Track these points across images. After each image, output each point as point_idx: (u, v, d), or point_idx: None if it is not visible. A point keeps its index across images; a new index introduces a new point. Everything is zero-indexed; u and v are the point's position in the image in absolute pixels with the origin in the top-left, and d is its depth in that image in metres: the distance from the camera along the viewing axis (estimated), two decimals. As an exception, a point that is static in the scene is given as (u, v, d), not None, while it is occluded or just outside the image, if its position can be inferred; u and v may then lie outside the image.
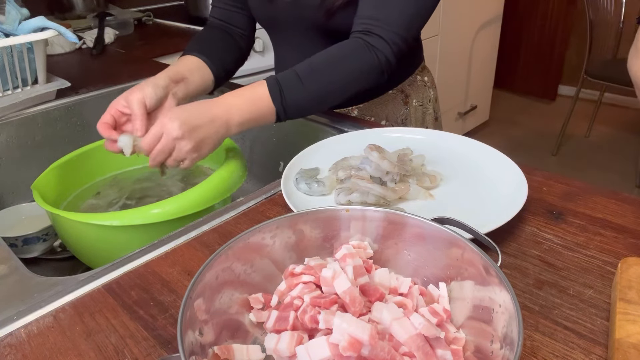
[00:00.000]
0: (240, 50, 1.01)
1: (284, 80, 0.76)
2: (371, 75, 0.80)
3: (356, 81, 0.79)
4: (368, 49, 0.78)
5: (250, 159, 1.09)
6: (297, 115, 0.79)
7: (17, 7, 1.02)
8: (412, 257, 0.49)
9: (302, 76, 0.76)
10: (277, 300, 0.47)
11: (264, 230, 0.47)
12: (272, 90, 0.75)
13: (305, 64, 0.78)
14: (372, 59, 0.78)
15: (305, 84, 0.76)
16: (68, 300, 0.54)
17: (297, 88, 0.76)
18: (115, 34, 1.66)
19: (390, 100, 1.02)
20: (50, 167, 0.86)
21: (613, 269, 0.53)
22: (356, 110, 1.02)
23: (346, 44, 0.80)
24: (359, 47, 0.78)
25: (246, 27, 1.02)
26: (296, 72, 0.77)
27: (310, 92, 0.77)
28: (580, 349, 0.45)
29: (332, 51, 0.79)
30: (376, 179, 0.68)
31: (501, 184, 0.68)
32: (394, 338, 0.40)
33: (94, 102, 1.14)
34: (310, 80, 0.76)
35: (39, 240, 0.87)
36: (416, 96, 1.04)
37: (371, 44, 0.78)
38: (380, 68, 0.79)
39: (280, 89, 0.75)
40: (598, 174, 2.75)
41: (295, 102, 0.76)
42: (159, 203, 0.71)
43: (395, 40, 0.79)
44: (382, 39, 0.78)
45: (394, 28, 0.79)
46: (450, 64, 2.68)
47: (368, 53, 0.78)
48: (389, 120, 1.03)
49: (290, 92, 0.75)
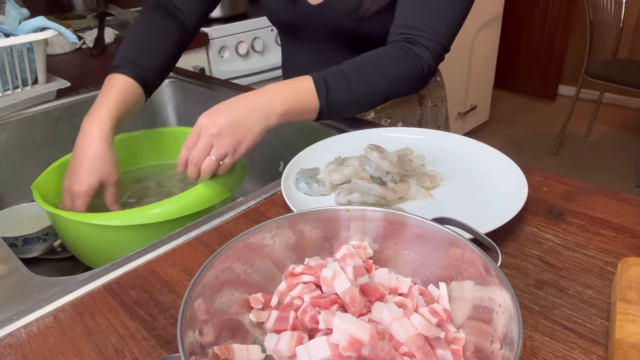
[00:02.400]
0: (181, 46, 0.92)
1: (330, 77, 0.75)
2: (413, 81, 0.80)
3: (398, 86, 0.80)
4: (411, 56, 0.78)
5: (250, 159, 1.09)
6: (338, 114, 0.78)
7: (17, 7, 1.02)
8: (412, 257, 0.49)
9: (348, 75, 0.75)
10: (277, 300, 0.47)
11: (264, 230, 0.47)
12: (318, 85, 0.74)
13: (350, 64, 0.77)
14: (415, 66, 0.79)
15: (351, 83, 0.75)
16: (68, 300, 0.54)
17: (343, 87, 0.75)
18: (115, 34, 1.66)
19: (406, 101, 1.01)
20: (50, 167, 0.86)
21: (613, 269, 0.53)
22: (372, 113, 1.00)
23: (390, 48, 0.80)
24: (403, 54, 0.78)
25: (196, 14, 0.93)
26: (342, 70, 0.76)
27: (355, 92, 0.76)
28: (580, 349, 0.45)
29: (377, 54, 0.79)
30: (376, 179, 0.68)
31: (501, 184, 0.68)
32: (394, 338, 0.40)
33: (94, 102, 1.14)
34: (355, 80, 0.76)
35: (39, 240, 0.87)
36: (430, 96, 1.04)
37: (415, 52, 0.79)
38: (422, 75, 0.80)
39: (327, 85, 0.74)
40: (598, 174, 2.75)
41: (340, 100, 0.75)
42: (159, 203, 0.71)
43: (437, 49, 0.80)
44: (426, 48, 0.79)
45: (436, 37, 0.79)
46: (450, 64, 2.67)
47: (412, 60, 0.78)
48: (405, 122, 1.01)
49: (336, 89, 0.74)
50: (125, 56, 0.85)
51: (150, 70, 0.86)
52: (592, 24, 2.69)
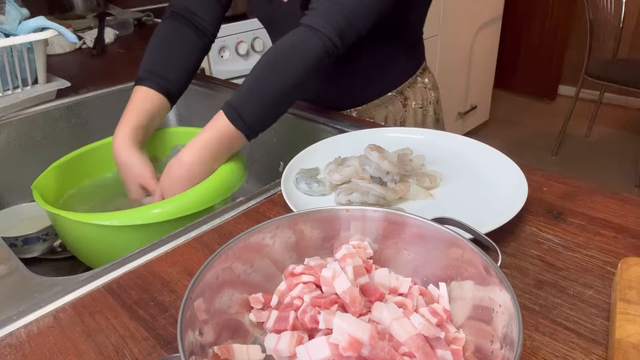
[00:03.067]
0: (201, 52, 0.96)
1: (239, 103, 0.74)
2: (315, 61, 0.75)
3: (303, 72, 0.75)
4: (310, 33, 0.75)
5: (250, 159, 1.09)
6: (264, 127, 0.78)
7: (17, 7, 1.02)
8: (412, 257, 0.49)
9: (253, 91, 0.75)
10: (277, 300, 0.47)
11: (264, 230, 0.47)
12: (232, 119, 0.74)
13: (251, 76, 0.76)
14: (313, 44, 0.74)
15: (258, 97, 0.74)
16: (68, 300, 0.54)
17: (253, 105, 0.74)
18: (115, 34, 1.66)
19: (389, 102, 1.02)
20: (50, 167, 0.86)
21: (613, 269, 0.53)
22: (355, 113, 1.02)
23: (288, 36, 0.77)
24: (300, 36, 0.75)
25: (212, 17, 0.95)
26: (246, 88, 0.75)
27: (265, 103, 0.75)
28: (580, 349, 0.45)
29: (272, 51, 0.77)
30: (376, 179, 0.68)
31: (501, 184, 0.68)
32: (394, 338, 0.40)
33: (94, 102, 1.14)
34: (260, 92, 0.75)
35: (39, 240, 0.87)
36: (415, 98, 1.04)
37: (312, 25, 0.75)
38: (324, 51, 0.75)
39: (240, 115, 0.74)
40: (598, 174, 2.75)
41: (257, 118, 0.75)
42: (159, 203, 0.71)
43: (338, 19, 0.74)
44: (323, 16, 0.75)
45: (342, 8, 0.75)
46: (450, 64, 2.68)
47: (310, 39, 0.75)
48: (388, 122, 1.03)
49: (249, 113, 0.74)
50: (147, 69, 0.89)
51: (172, 80, 0.89)
52: (592, 24, 2.69)
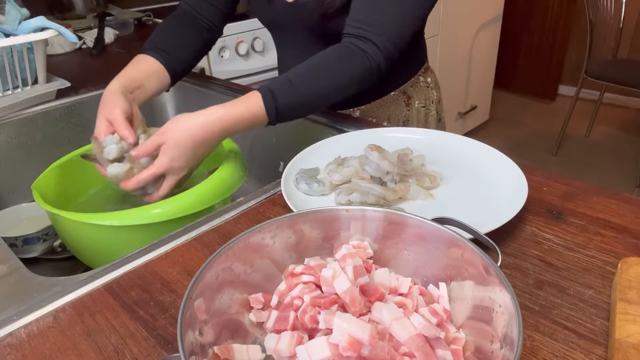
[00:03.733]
0: (204, 44, 1.00)
1: (278, 90, 0.75)
2: (362, 80, 0.79)
3: (347, 86, 0.79)
4: (360, 54, 0.78)
5: (250, 159, 1.09)
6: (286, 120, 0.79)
7: (17, 7, 1.02)
8: (412, 257, 0.49)
9: (294, 83, 0.76)
10: (277, 300, 0.47)
11: (264, 230, 0.47)
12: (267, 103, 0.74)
13: (297, 70, 0.78)
14: (363, 64, 0.78)
15: (297, 91, 0.76)
16: (68, 300, 0.54)
17: (289, 96, 0.76)
18: (115, 34, 1.66)
19: (392, 101, 1.02)
20: (50, 167, 0.86)
21: (613, 269, 0.53)
22: (358, 112, 1.02)
23: (338, 48, 0.79)
24: (350, 52, 0.78)
25: (216, 19, 1.00)
26: (289, 79, 0.76)
27: (301, 99, 0.76)
28: (580, 349, 0.45)
29: (323, 56, 0.79)
30: (376, 179, 0.68)
31: (501, 184, 0.68)
32: (394, 338, 0.40)
33: (94, 102, 1.13)
34: (302, 87, 0.76)
35: (39, 240, 0.87)
36: (418, 97, 1.04)
37: (363, 50, 0.78)
38: (371, 73, 0.79)
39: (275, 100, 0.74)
40: (598, 174, 2.75)
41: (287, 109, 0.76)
42: (159, 203, 0.71)
43: (387, 46, 0.78)
44: (374, 44, 0.78)
45: (386, 34, 0.78)
46: (450, 64, 2.68)
47: (360, 58, 0.78)
48: (391, 121, 1.03)
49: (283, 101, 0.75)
50: (151, 41, 0.92)
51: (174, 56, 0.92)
52: (592, 24, 2.69)
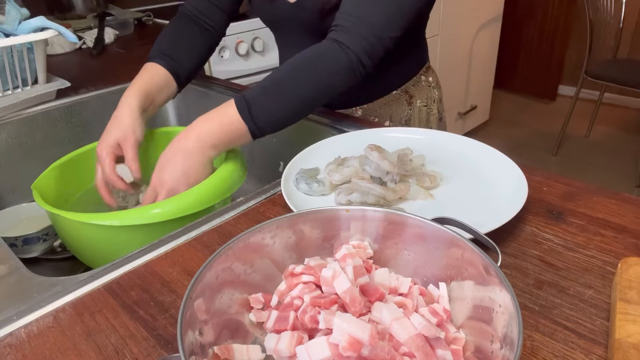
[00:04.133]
0: (208, 48, 1.00)
1: (252, 97, 0.73)
2: (341, 76, 0.75)
3: (326, 86, 0.76)
4: (337, 48, 0.75)
5: (250, 159, 1.09)
6: (272, 129, 0.76)
7: (17, 7, 1.02)
8: (412, 257, 0.49)
9: (268, 90, 0.74)
10: (277, 300, 0.47)
11: (264, 230, 0.47)
12: (240, 109, 0.73)
13: (270, 76, 0.76)
14: (340, 59, 0.74)
15: (272, 97, 0.74)
16: (68, 300, 0.54)
17: (265, 103, 0.74)
18: (115, 34, 1.66)
19: (394, 100, 1.02)
20: (50, 167, 0.86)
21: (613, 269, 0.53)
22: (360, 111, 1.02)
23: (315, 47, 0.77)
24: (327, 49, 0.75)
25: (219, 22, 1.00)
26: (263, 86, 0.75)
27: (279, 104, 0.74)
28: (580, 349, 0.45)
29: (298, 58, 0.76)
30: (376, 179, 0.68)
31: (501, 184, 0.68)
32: (394, 338, 0.40)
33: (94, 102, 1.14)
34: (277, 93, 0.74)
35: (39, 240, 0.87)
36: (420, 97, 1.04)
37: (340, 42, 0.75)
38: (350, 68, 0.75)
39: (249, 107, 0.73)
40: (598, 174, 2.75)
41: (266, 117, 0.74)
42: (159, 203, 0.71)
43: (369, 38, 0.74)
44: (353, 35, 0.74)
45: (368, 26, 0.75)
46: (450, 64, 2.68)
47: (336, 53, 0.74)
48: (393, 120, 1.03)
49: (258, 108, 0.73)
50: (158, 49, 0.93)
51: (181, 63, 0.93)
52: (592, 24, 2.69)
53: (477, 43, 2.85)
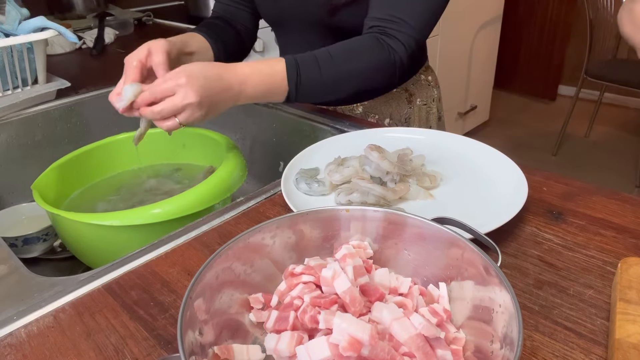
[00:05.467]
0: (242, 43, 1.01)
1: (303, 62, 0.76)
2: (385, 73, 0.80)
3: (370, 76, 0.80)
4: (385, 48, 0.79)
5: (250, 159, 1.09)
6: (307, 99, 0.79)
7: (17, 7, 1.02)
8: (412, 257, 0.49)
9: (320, 61, 0.77)
10: (277, 300, 0.47)
11: (264, 230, 0.47)
12: (289, 70, 0.75)
13: (324, 50, 0.78)
14: (387, 58, 0.79)
15: (322, 68, 0.76)
16: (68, 300, 0.54)
17: (314, 71, 0.76)
18: (115, 34, 1.66)
19: (394, 98, 1.02)
20: (50, 167, 0.86)
21: (613, 269, 0.53)
22: (361, 107, 1.02)
23: (365, 38, 0.80)
24: (376, 45, 0.79)
25: (249, 22, 1.02)
26: (315, 56, 0.77)
27: (325, 77, 0.77)
28: (580, 349, 0.45)
29: (351, 43, 0.80)
30: (376, 179, 0.68)
31: (501, 184, 0.68)
32: (394, 338, 0.40)
33: (94, 102, 1.14)
34: (327, 67, 0.77)
35: (39, 240, 0.87)
36: (420, 95, 1.04)
37: (388, 44, 0.79)
38: (393, 68, 0.80)
39: (298, 70, 0.75)
40: (598, 174, 2.75)
41: (308, 86, 0.76)
42: (159, 203, 0.71)
43: (410, 42, 0.80)
44: (399, 40, 0.79)
45: (409, 30, 0.80)
46: (450, 64, 2.68)
47: (384, 52, 0.79)
48: (393, 118, 1.03)
49: (306, 75, 0.75)
50: (199, 28, 0.93)
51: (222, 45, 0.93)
52: (592, 24, 2.69)
53: (477, 43, 2.85)
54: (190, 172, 1.00)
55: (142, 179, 0.98)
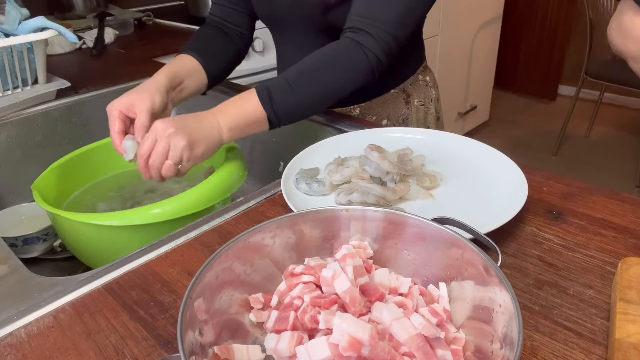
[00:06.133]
0: (238, 50, 1.02)
1: (273, 86, 0.76)
2: (361, 74, 0.79)
3: (346, 82, 0.79)
4: (357, 47, 0.78)
5: (250, 159, 1.09)
6: (289, 120, 0.78)
7: (17, 7, 1.02)
8: (412, 257, 0.49)
9: (291, 81, 0.76)
10: (277, 300, 0.47)
11: (264, 230, 0.47)
12: (261, 96, 0.75)
13: (294, 68, 0.78)
14: (360, 58, 0.78)
15: (294, 88, 0.76)
16: (68, 300, 0.54)
17: (287, 93, 0.76)
18: (115, 34, 1.66)
19: (392, 99, 1.02)
20: (50, 167, 0.86)
21: (613, 269, 0.53)
22: (358, 109, 1.02)
23: (335, 45, 0.80)
24: (347, 48, 0.78)
25: (245, 26, 1.02)
26: (285, 77, 0.77)
27: (300, 96, 0.77)
28: (580, 349, 0.45)
29: (320, 54, 0.79)
30: (376, 179, 0.68)
31: (501, 184, 0.68)
32: (394, 338, 0.40)
33: (94, 102, 1.14)
34: (299, 85, 0.76)
35: (39, 240, 0.87)
36: (418, 96, 1.04)
37: (359, 42, 0.78)
38: (369, 67, 0.79)
39: (270, 94, 0.75)
40: (598, 174, 2.75)
41: (286, 106, 0.76)
42: (159, 203, 0.71)
43: (385, 38, 0.78)
44: (371, 36, 0.78)
45: (384, 26, 0.78)
46: (450, 64, 2.68)
47: (356, 52, 0.78)
48: (391, 119, 1.03)
49: (279, 97, 0.75)
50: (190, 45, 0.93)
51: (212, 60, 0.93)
52: (592, 24, 2.69)
53: (477, 43, 2.85)
54: (190, 172, 1.00)
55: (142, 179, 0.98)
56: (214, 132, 0.73)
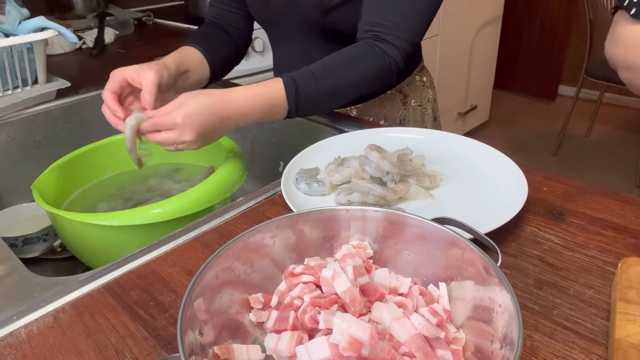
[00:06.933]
0: (237, 48, 1.02)
1: (300, 78, 0.77)
2: (382, 78, 0.81)
3: (367, 83, 0.81)
4: (380, 53, 0.80)
5: (250, 159, 1.09)
6: (308, 113, 0.81)
7: (17, 7, 1.02)
8: (412, 257, 0.49)
9: (317, 76, 0.77)
10: (277, 300, 0.47)
11: (264, 230, 0.47)
12: (288, 88, 0.75)
13: (319, 63, 0.79)
14: (383, 63, 0.80)
15: (319, 82, 0.77)
16: (68, 300, 0.54)
17: (312, 86, 0.77)
18: (115, 34, 1.66)
19: (388, 100, 1.02)
20: (50, 167, 0.86)
21: (613, 269, 0.53)
22: (355, 111, 1.02)
23: (359, 46, 0.81)
24: (371, 52, 0.80)
25: (243, 26, 1.03)
26: (311, 71, 0.78)
27: (323, 91, 0.78)
28: (580, 349, 0.45)
29: (346, 53, 0.80)
30: (376, 179, 0.68)
31: (501, 184, 0.68)
32: (394, 338, 0.40)
33: (94, 102, 1.14)
34: (324, 79, 0.78)
35: (39, 240, 0.87)
36: (415, 96, 1.04)
37: (383, 50, 0.80)
38: (390, 72, 0.81)
39: (296, 87, 0.76)
40: (598, 174, 2.75)
41: (309, 100, 0.77)
42: (159, 203, 0.71)
43: (404, 45, 0.81)
44: (393, 45, 0.80)
45: (403, 34, 0.81)
46: (450, 64, 2.68)
47: (379, 58, 0.80)
48: (387, 120, 1.03)
49: (305, 89, 0.76)
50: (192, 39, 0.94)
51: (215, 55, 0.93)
52: (592, 24, 2.69)
53: (477, 43, 2.85)
54: (190, 172, 1.00)
55: (142, 179, 0.98)
56: (231, 128, 0.73)
